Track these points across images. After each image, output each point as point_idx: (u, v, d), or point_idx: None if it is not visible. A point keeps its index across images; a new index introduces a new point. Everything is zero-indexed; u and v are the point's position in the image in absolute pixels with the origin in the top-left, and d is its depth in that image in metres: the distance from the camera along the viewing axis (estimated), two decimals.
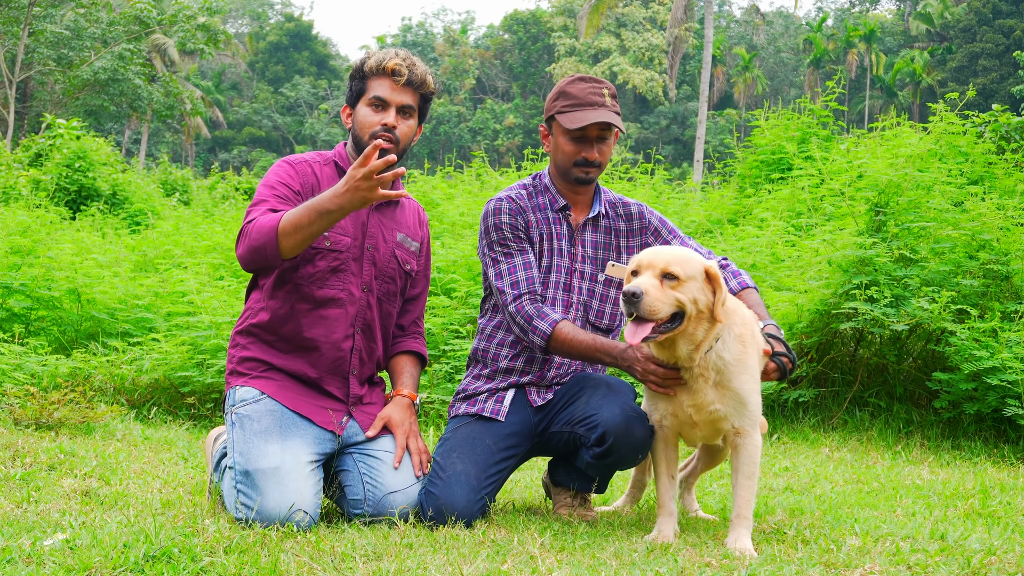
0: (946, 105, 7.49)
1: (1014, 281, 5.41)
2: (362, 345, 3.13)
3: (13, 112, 27.78)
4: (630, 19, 51.24)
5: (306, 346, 3.05)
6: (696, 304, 2.66)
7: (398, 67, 3.09)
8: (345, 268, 3.08)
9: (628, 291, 2.59)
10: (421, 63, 3.19)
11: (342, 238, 3.08)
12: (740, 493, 2.78)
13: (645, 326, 2.62)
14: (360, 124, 3.11)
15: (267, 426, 2.93)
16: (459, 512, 2.90)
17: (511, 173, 10.11)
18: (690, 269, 2.66)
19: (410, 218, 3.30)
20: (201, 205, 15.09)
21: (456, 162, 11.25)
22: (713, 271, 2.68)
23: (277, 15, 66.17)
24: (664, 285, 2.63)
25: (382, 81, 3.10)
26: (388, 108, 3.09)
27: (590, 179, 3.16)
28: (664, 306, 2.61)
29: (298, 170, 3.11)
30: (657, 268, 2.65)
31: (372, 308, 3.14)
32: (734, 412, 2.78)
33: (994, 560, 2.52)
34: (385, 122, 3.07)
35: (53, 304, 6.30)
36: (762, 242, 6.44)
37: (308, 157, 3.19)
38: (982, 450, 4.91)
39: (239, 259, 2.98)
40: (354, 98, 3.15)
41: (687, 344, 2.70)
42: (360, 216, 3.12)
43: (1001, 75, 40.93)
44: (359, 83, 3.13)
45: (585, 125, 3.06)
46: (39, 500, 3.05)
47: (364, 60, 3.15)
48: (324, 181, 3.11)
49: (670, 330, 2.66)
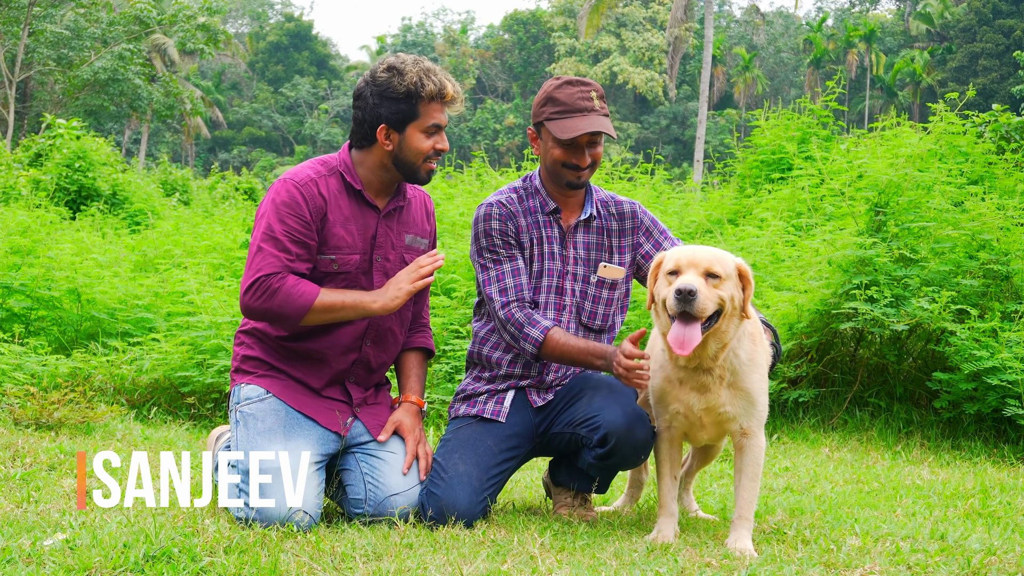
0: (946, 105, 7.49)
1: (1014, 281, 5.41)
2: (371, 356, 3.10)
3: (13, 112, 27.76)
4: (630, 19, 51.22)
5: (312, 357, 3.03)
6: (732, 301, 2.69)
7: (455, 96, 3.03)
8: (353, 285, 3.02)
9: (684, 288, 2.60)
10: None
11: (350, 257, 3.00)
12: (743, 494, 2.78)
13: (694, 328, 2.62)
14: (414, 150, 2.99)
15: (271, 425, 2.92)
16: (461, 513, 2.90)
17: (511, 173, 10.10)
18: (728, 268, 2.70)
19: (417, 214, 3.21)
20: (201, 205, 15.09)
21: (456, 162, 11.24)
22: (744, 269, 2.72)
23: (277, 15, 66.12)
24: (709, 283, 2.66)
25: (437, 107, 3.01)
26: (441, 132, 3.04)
27: (581, 183, 3.14)
28: (711, 304, 2.65)
29: (305, 194, 2.95)
30: (701, 267, 2.68)
31: (387, 319, 3.09)
32: (744, 413, 2.78)
33: (994, 560, 2.52)
34: (439, 148, 3.03)
35: (53, 304, 6.29)
36: (762, 242, 6.43)
37: (312, 173, 3.01)
38: (982, 450, 4.91)
39: (245, 307, 2.90)
40: (400, 122, 2.97)
41: (716, 343, 2.71)
42: (368, 228, 3.04)
43: (1001, 75, 40.90)
44: (408, 106, 2.96)
45: (578, 135, 3.04)
46: (39, 500, 3.05)
47: (415, 84, 2.95)
48: (331, 198, 2.98)
49: (707, 329, 2.67)
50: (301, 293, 2.86)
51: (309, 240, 2.93)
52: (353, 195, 3.04)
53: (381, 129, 2.99)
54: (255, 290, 2.87)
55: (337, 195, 3.01)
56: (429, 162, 3.03)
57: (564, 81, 3.14)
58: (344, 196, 3.02)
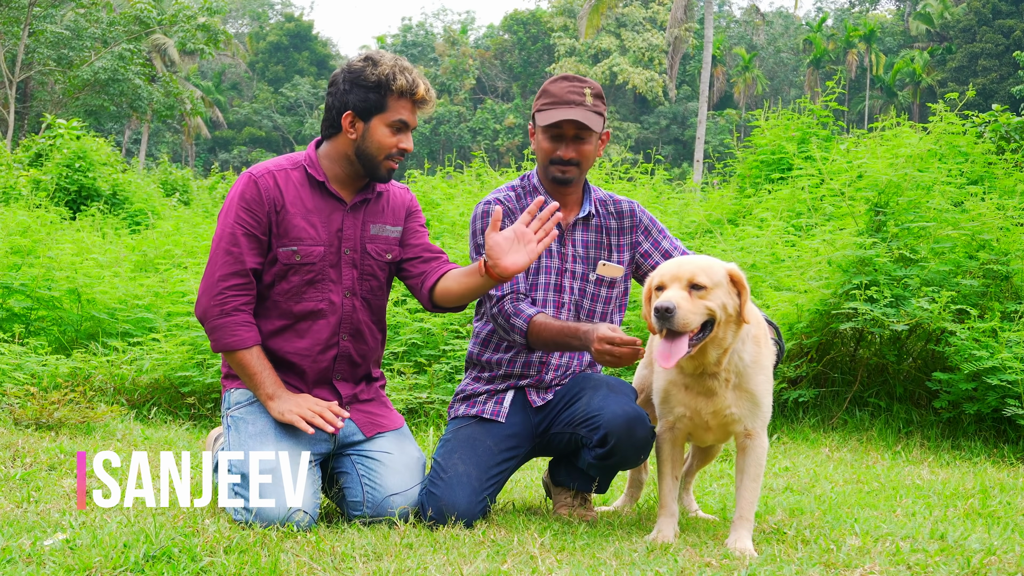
0: (946, 105, 7.49)
1: (1014, 281, 5.41)
2: (351, 349, 3.08)
3: (13, 112, 27.76)
4: (630, 19, 51.22)
5: (289, 362, 3.03)
6: (725, 309, 2.65)
7: (426, 97, 3.01)
8: (322, 278, 3.01)
9: (660, 306, 2.57)
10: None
11: (313, 248, 2.99)
12: (744, 495, 2.78)
13: (680, 342, 2.60)
14: (377, 144, 2.98)
15: (262, 428, 2.93)
16: (460, 513, 2.90)
17: (511, 173, 10.10)
18: (715, 276, 2.66)
19: (390, 207, 3.15)
20: (201, 205, 15.09)
21: (456, 162, 11.25)
22: (736, 274, 2.68)
23: (277, 15, 66.14)
24: (693, 296, 2.62)
25: (406, 104, 2.99)
26: (407, 131, 3.02)
27: (567, 179, 3.13)
28: (696, 317, 2.61)
29: (260, 185, 2.97)
30: (684, 279, 2.64)
31: (359, 311, 3.08)
32: (749, 414, 2.78)
33: (994, 560, 2.52)
34: (403, 147, 3.01)
35: (53, 304, 6.29)
36: (762, 242, 6.43)
37: (272, 165, 3.03)
38: (982, 450, 4.91)
39: (197, 310, 2.99)
40: (366, 111, 2.96)
41: (716, 350, 2.70)
42: (334, 222, 3.02)
43: (1001, 75, 40.91)
44: (376, 97, 2.95)
45: (556, 121, 3.05)
46: (39, 500, 3.05)
47: (387, 76, 2.94)
48: (289, 190, 2.99)
49: (702, 340, 2.65)
50: (234, 334, 2.94)
51: (259, 234, 2.96)
52: (316, 187, 3.03)
53: (347, 116, 2.98)
54: (205, 297, 2.96)
55: (299, 187, 3.01)
56: (391, 160, 3.01)
57: (561, 76, 3.18)
58: (307, 188, 3.02)
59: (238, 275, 2.93)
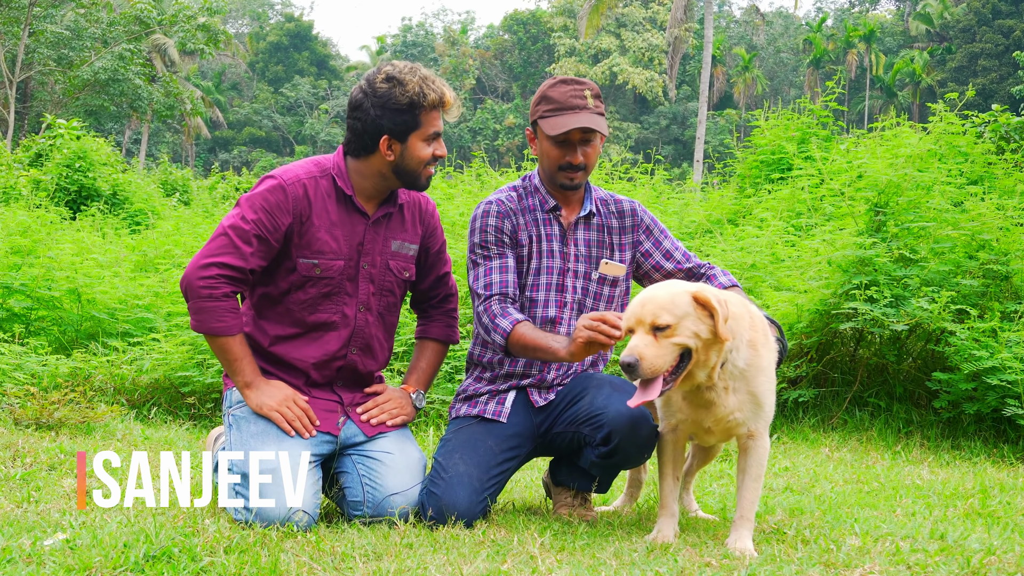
0: (946, 105, 7.49)
1: (1014, 281, 5.41)
2: (358, 363, 3.10)
3: (13, 112, 27.77)
4: (630, 19, 51.22)
5: (294, 366, 3.03)
6: (698, 337, 2.58)
7: (453, 102, 3.05)
8: (338, 291, 3.02)
9: (623, 363, 2.51)
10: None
11: (333, 263, 2.99)
12: (745, 494, 2.78)
13: (653, 386, 2.56)
14: (416, 159, 2.99)
15: (263, 427, 2.93)
16: (461, 513, 2.90)
17: (511, 173, 10.10)
18: (678, 309, 2.57)
19: (408, 220, 3.18)
20: (201, 205, 15.08)
21: (456, 162, 11.24)
22: (701, 296, 2.58)
23: (277, 15, 66.14)
24: (659, 338, 2.56)
25: (437, 114, 3.02)
26: (439, 138, 3.06)
27: (575, 185, 3.14)
28: (663, 360, 2.55)
29: (289, 194, 2.94)
30: (646, 323, 2.56)
31: (371, 325, 3.09)
32: (751, 415, 2.77)
33: (994, 560, 2.52)
34: (438, 154, 3.04)
35: (53, 304, 6.29)
36: (762, 242, 6.43)
37: (303, 173, 3.00)
38: (982, 450, 4.91)
39: (186, 281, 2.91)
40: (403, 133, 2.97)
41: (703, 370, 2.66)
42: (356, 235, 3.03)
43: (1001, 75, 40.92)
44: (411, 117, 2.95)
45: (567, 131, 3.05)
46: (39, 500, 3.05)
47: (417, 94, 2.95)
48: (318, 201, 2.98)
49: (680, 372, 2.61)
50: (221, 319, 2.89)
51: (273, 240, 2.93)
52: (343, 200, 3.03)
53: (384, 140, 2.98)
54: (199, 282, 2.88)
55: (326, 198, 3.00)
56: (428, 168, 3.04)
57: (559, 80, 3.15)
58: (333, 200, 3.01)
59: (237, 270, 2.92)
